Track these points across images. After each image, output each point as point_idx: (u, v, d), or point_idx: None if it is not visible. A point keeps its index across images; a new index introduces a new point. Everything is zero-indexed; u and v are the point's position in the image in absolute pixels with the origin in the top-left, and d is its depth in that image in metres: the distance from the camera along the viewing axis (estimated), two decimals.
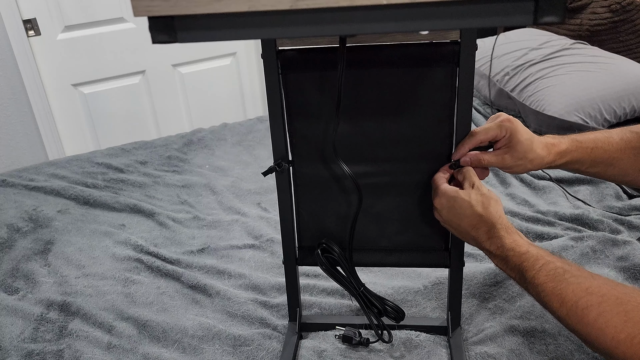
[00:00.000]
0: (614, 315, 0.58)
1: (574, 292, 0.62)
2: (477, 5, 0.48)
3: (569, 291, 0.63)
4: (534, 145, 0.79)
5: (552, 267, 0.66)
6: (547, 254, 0.69)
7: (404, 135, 0.80)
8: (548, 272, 0.66)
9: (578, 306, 0.61)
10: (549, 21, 0.47)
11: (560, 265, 0.66)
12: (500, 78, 1.79)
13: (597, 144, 0.83)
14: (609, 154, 0.83)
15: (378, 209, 0.86)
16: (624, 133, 0.84)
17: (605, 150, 0.83)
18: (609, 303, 0.59)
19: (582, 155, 0.83)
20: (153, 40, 0.51)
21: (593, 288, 0.61)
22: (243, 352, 0.90)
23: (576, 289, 0.62)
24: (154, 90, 2.42)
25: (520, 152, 0.78)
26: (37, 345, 0.94)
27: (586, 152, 0.83)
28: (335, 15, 0.49)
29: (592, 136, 0.84)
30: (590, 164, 0.84)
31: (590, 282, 0.62)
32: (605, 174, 0.85)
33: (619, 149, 0.83)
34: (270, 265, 1.14)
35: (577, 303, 0.61)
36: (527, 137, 0.78)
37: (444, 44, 0.75)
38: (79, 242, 1.24)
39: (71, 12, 2.15)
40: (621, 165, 0.83)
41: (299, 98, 0.80)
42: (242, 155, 1.66)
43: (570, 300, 0.62)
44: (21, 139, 2.19)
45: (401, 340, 0.90)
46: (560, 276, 0.64)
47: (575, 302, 0.61)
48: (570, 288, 0.63)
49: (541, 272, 0.66)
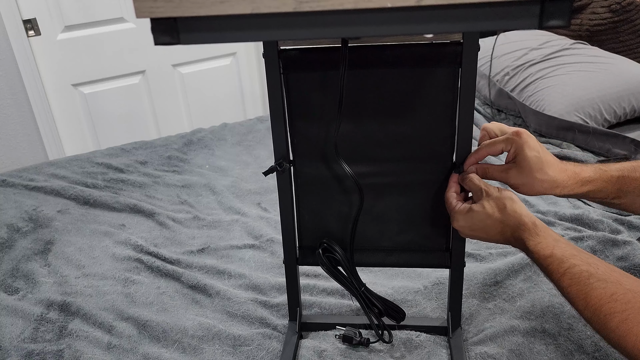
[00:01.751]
0: (636, 324, 0.58)
1: (599, 298, 0.61)
2: (482, 8, 0.48)
3: (594, 296, 0.62)
4: (544, 165, 0.74)
5: (576, 272, 0.65)
6: (572, 255, 0.67)
7: (405, 135, 0.80)
8: (572, 276, 0.65)
9: (602, 312, 0.60)
10: (555, 25, 0.46)
11: (585, 269, 0.64)
12: (500, 78, 1.79)
13: (623, 172, 0.78)
14: (636, 182, 0.78)
15: (379, 209, 0.86)
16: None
17: (633, 179, 0.78)
18: (632, 311, 0.59)
19: (607, 184, 0.78)
20: (156, 41, 0.51)
21: (619, 294, 0.60)
22: (243, 352, 0.90)
23: (601, 294, 0.61)
24: (154, 90, 2.42)
25: (526, 170, 0.74)
26: (37, 345, 0.94)
27: (611, 181, 0.78)
28: (339, 18, 0.49)
29: (618, 165, 0.79)
30: (616, 194, 0.78)
31: (617, 287, 0.61)
32: (633, 206, 0.80)
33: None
34: (270, 265, 1.14)
35: (601, 309, 0.61)
36: (536, 154, 0.74)
37: (446, 44, 0.75)
38: (79, 242, 1.24)
39: (71, 12, 2.14)
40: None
41: (300, 98, 0.80)
42: (242, 155, 1.66)
43: (595, 305, 0.61)
44: (21, 139, 2.19)
45: (401, 341, 0.90)
46: (585, 280, 0.63)
47: (599, 308, 0.61)
48: (594, 293, 0.62)
49: (565, 276, 0.65)
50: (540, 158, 0.74)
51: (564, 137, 1.54)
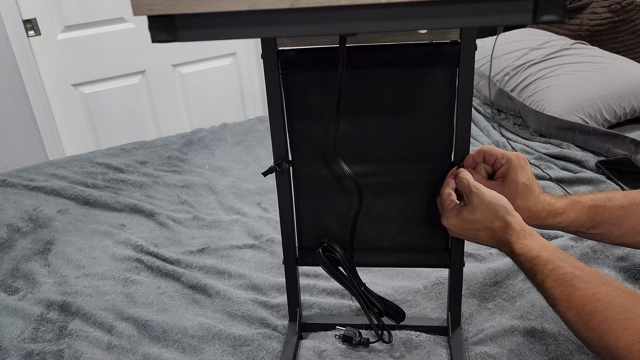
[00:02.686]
0: (616, 321, 0.57)
1: (581, 298, 0.61)
2: (477, 4, 0.48)
3: (576, 296, 0.62)
4: (527, 195, 0.76)
5: (561, 273, 0.65)
6: (558, 258, 0.67)
7: (404, 135, 0.80)
8: (557, 277, 0.65)
9: (584, 311, 0.60)
10: (549, 20, 0.47)
11: (570, 271, 0.65)
12: (500, 78, 1.79)
13: (596, 202, 0.78)
14: (610, 212, 0.78)
15: (378, 209, 0.86)
16: (629, 192, 0.80)
17: (606, 209, 0.78)
18: (613, 309, 0.59)
19: (580, 215, 0.78)
20: (153, 39, 0.51)
21: (600, 294, 0.61)
22: (243, 352, 0.90)
23: (583, 294, 0.62)
24: (154, 90, 2.42)
25: (511, 192, 0.76)
26: (37, 345, 0.94)
27: (584, 212, 0.78)
28: (335, 14, 0.49)
29: (592, 196, 0.80)
30: (590, 225, 0.79)
31: (599, 288, 0.62)
32: (610, 235, 0.79)
33: (621, 207, 0.78)
34: (270, 265, 1.14)
35: (583, 308, 0.61)
36: (526, 182, 0.76)
37: (444, 44, 0.75)
38: (79, 242, 1.24)
39: (71, 12, 2.15)
40: (628, 224, 0.78)
41: (299, 98, 0.80)
42: (242, 155, 1.66)
43: (577, 305, 0.61)
44: (21, 139, 2.19)
45: (401, 341, 0.90)
46: (568, 281, 0.64)
47: (581, 307, 0.61)
48: (577, 293, 0.62)
49: (550, 276, 0.66)
50: (528, 187, 0.76)
51: (564, 137, 1.54)
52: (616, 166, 1.35)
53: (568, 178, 1.34)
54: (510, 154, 0.78)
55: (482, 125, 1.70)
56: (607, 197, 0.79)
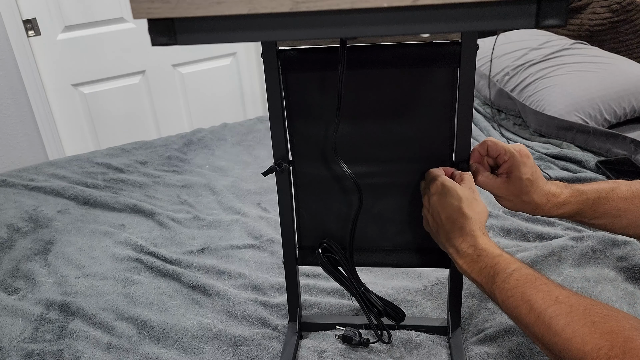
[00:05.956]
0: (581, 325, 0.57)
1: (544, 300, 0.61)
2: (479, 8, 0.48)
3: (539, 298, 0.61)
4: (532, 190, 0.77)
5: (524, 273, 0.65)
6: (518, 261, 0.68)
7: (404, 135, 0.80)
8: (520, 277, 0.65)
9: (546, 314, 0.60)
10: (551, 24, 0.46)
11: (531, 272, 0.65)
12: (500, 78, 1.79)
13: (600, 194, 0.79)
14: (613, 204, 0.79)
15: (378, 209, 0.86)
16: (633, 184, 0.80)
17: (609, 200, 0.79)
18: (577, 313, 0.58)
19: (583, 206, 0.79)
20: (153, 42, 0.51)
21: (562, 297, 0.60)
22: (243, 352, 0.90)
23: (546, 296, 0.61)
24: (154, 90, 2.42)
25: (516, 189, 0.77)
26: (37, 345, 0.94)
27: (587, 203, 0.79)
28: (336, 18, 0.48)
29: (596, 186, 0.80)
30: (593, 216, 0.80)
31: (560, 291, 0.61)
32: (612, 226, 0.81)
33: (624, 199, 0.78)
34: (270, 265, 1.14)
35: (546, 311, 0.60)
36: (530, 177, 0.76)
37: (445, 44, 0.75)
38: (79, 242, 1.24)
39: (71, 12, 2.15)
40: (630, 217, 0.79)
41: (299, 98, 0.80)
42: (242, 155, 1.66)
43: (540, 307, 0.61)
44: (21, 139, 2.19)
45: (401, 341, 0.90)
46: (531, 282, 0.63)
47: (544, 310, 0.60)
48: (540, 295, 0.62)
49: (513, 276, 0.65)
50: (532, 182, 0.77)
51: (564, 137, 1.53)
52: (616, 166, 1.35)
53: (568, 178, 1.34)
54: (512, 149, 0.77)
55: (482, 125, 1.70)
56: (610, 189, 0.80)
